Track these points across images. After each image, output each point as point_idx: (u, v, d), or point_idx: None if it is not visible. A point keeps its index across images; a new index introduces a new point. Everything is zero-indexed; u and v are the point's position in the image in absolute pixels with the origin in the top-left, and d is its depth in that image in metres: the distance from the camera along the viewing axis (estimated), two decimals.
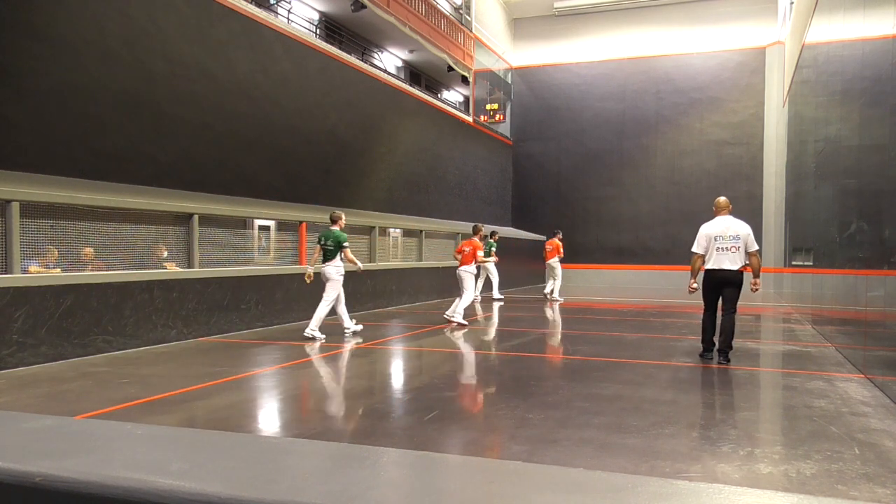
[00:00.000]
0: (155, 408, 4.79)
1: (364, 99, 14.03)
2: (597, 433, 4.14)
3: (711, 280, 6.69)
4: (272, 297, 9.49)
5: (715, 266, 6.60)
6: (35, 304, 6.22)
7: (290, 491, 0.70)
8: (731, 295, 6.64)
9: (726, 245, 6.55)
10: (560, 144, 22.78)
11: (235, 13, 10.24)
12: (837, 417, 4.55)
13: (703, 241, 6.67)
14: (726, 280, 6.59)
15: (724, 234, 6.58)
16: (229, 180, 10.12)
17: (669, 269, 21.28)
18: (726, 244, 6.56)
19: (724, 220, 6.70)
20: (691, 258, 6.80)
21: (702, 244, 6.69)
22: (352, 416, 4.85)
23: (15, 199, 6.19)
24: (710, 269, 6.65)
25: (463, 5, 20.53)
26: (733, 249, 6.54)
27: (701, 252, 6.70)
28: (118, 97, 8.28)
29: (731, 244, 6.54)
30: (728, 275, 6.56)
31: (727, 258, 6.55)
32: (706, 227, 6.72)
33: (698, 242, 6.73)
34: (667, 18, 21.72)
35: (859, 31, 7.10)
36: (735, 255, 6.54)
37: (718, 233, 6.61)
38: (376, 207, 14.34)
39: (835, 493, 3.14)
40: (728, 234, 6.57)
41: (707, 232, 6.67)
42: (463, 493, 0.72)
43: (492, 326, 10.60)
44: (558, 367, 6.97)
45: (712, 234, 6.63)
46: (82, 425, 0.97)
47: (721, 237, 6.58)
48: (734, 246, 6.54)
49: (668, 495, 0.68)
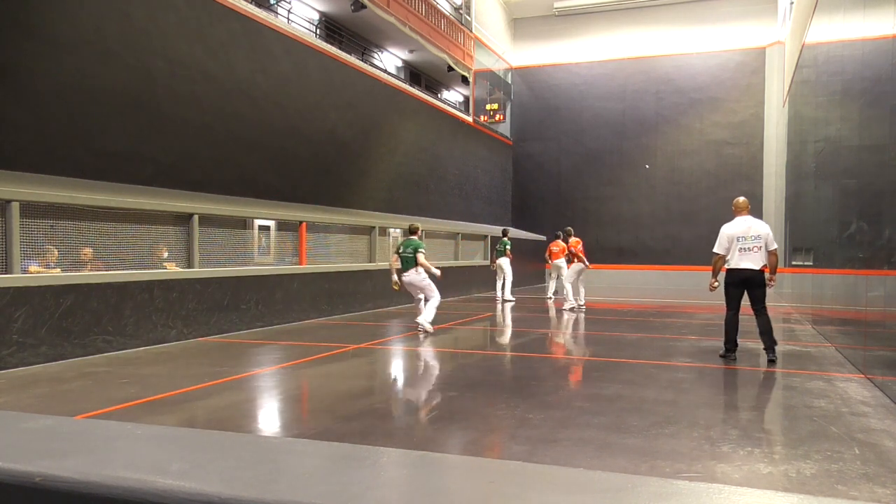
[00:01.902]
0: (155, 408, 4.79)
1: (364, 99, 14.03)
2: (597, 433, 4.14)
3: (734, 279, 6.71)
4: (272, 297, 9.49)
5: (737, 266, 6.64)
6: (35, 304, 6.22)
7: (290, 491, 0.70)
8: (759, 294, 6.69)
9: (748, 245, 6.60)
10: (560, 144, 22.77)
11: (235, 13, 10.24)
12: (837, 417, 4.55)
13: (725, 241, 6.70)
14: (749, 280, 6.63)
15: (746, 235, 6.62)
16: (229, 180, 10.11)
17: (669, 269, 21.28)
18: (748, 244, 6.60)
19: (745, 220, 6.74)
20: (712, 258, 6.83)
21: (723, 244, 6.72)
22: (352, 416, 4.85)
23: (15, 199, 6.19)
24: (733, 269, 6.69)
25: (463, 5, 20.52)
26: (755, 249, 6.59)
27: (722, 252, 6.73)
28: (118, 97, 8.28)
29: (753, 244, 6.59)
30: (750, 274, 6.61)
31: (749, 258, 6.59)
32: (728, 228, 6.74)
33: (720, 243, 6.75)
34: (667, 18, 21.72)
35: (859, 31, 7.09)
36: (757, 254, 6.59)
37: (741, 233, 6.64)
38: (376, 207, 14.34)
39: (835, 493, 3.13)
40: (750, 234, 6.61)
41: (729, 232, 6.70)
42: (463, 493, 0.72)
43: (492, 326, 10.60)
44: (558, 367, 6.97)
45: (735, 235, 6.66)
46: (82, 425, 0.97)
47: (743, 237, 6.62)
48: (756, 246, 6.59)
49: (668, 495, 0.68)
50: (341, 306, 11.15)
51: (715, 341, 8.43)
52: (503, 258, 14.63)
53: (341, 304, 11.16)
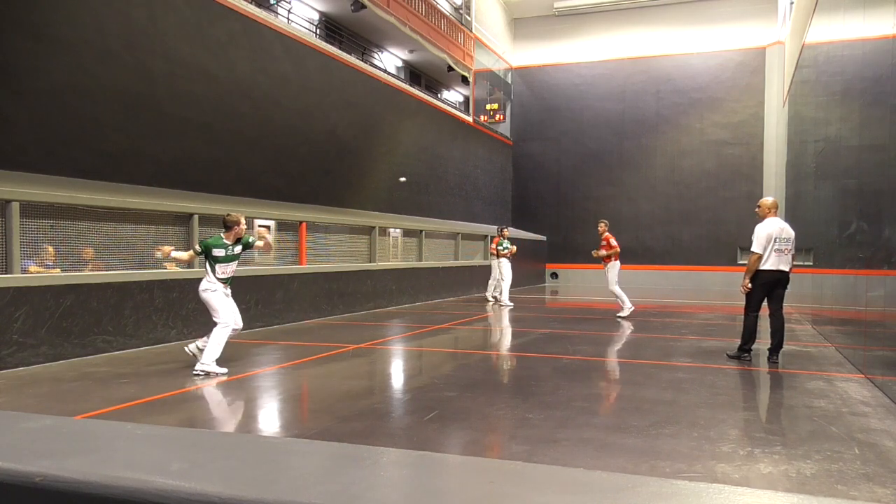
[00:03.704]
0: (155, 408, 4.79)
1: (364, 99, 14.02)
2: (597, 433, 4.14)
3: (767, 280, 6.62)
4: (272, 297, 9.48)
5: (772, 267, 6.55)
6: (35, 304, 6.22)
7: (290, 491, 0.70)
8: (781, 294, 6.69)
9: (782, 247, 6.54)
10: (560, 144, 22.77)
11: (235, 13, 10.24)
12: (837, 417, 4.55)
13: (765, 241, 6.56)
14: (780, 281, 6.62)
15: (781, 236, 6.56)
16: (229, 180, 10.11)
17: (669, 269, 21.28)
18: (782, 246, 6.54)
19: (776, 221, 6.68)
20: (749, 258, 6.65)
21: (763, 244, 6.56)
22: (352, 416, 4.85)
23: (15, 199, 6.19)
24: (767, 270, 6.57)
25: (463, 5, 20.52)
26: (787, 251, 6.56)
27: (762, 252, 6.58)
28: (118, 97, 8.28)
29: (786, 245, 6.55)
30: (782, 275, 6.59)
31: (784, 259, 6.56)
32: (766, 228, 6.60)
33: (759, 243, 6.58)
34: (667, 18, 21.72)
35: (859, 31, 7.09)
36: (788, 256, 6.57)
37: (777, 234, 6.57)
38: (376, 207, 14.33)
39: (835, 493, 3.13)
40: (783, 235, 6.56)
41: (769, 232, 6.57)
42: (463, 493, 0.72)
43: (492, 326, 10.60)
44: (558, 367, 6.97)
45: (773, 236, 6.56)
46: (82, 425, 0.97)
47: (779, 239, 6.55)
48: (787, 248, 6.55)
49: (668, 495, 0.68)
50: (341, 306, 11.15)
51: (715, 341, 8.43)
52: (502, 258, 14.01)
53: (341, 304, 11.16)
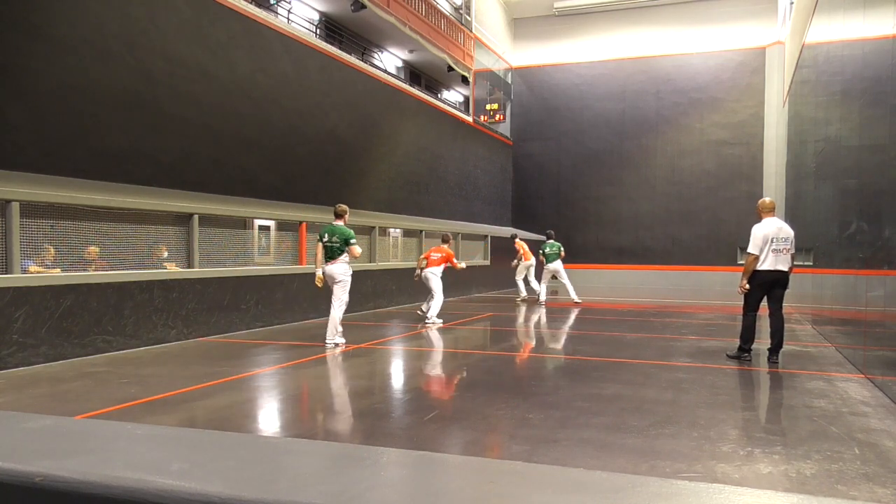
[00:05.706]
0: (155, 408, 4.79)
1: (364, 99, 14.02)
2: (597, 433, 4.14)
3: (764, 280, 6.65)
4: (272, 297, 9.49)
5: (770, 267, 6.59)
6: (35, 304, 6.22)
7: (290, 491, 0.70)
8: (780, 294, 6.70)
9: (780, 247, 6.56)
10: (560, 144, 22.77)
11: (235, 13, 10.24)
12: (837, 417, 4.55)
13: (761, 242, 6.60)
14: (778, 281, 6.63)
15: (778, 236, 6.58)
16: (229, 180, 10.11)
17: (669, 269, 21.28)
18: (780, 246, 6.57)
19: (774, 221, 6.70)
20: (746, 258, 6.70)
21: (759, 245, 6.61)
22: (352, 416, 4.85)
23: (15, 199, 6.19)
24: (764, 270, 6.62)
25: (463, 5, 20.52)
26: (785, 251, 6.57)
27: (758, 253, 6.63)
28: (118, 97, 8.28)
29: (783, 245, 6.57)
30: (780, 275, 6.61)
31: (781, 259, 6.58)
32: (763, 229, 6.63)
33: (755, 244, 6.63)
34: (667, 18, 21.72)
35: (859, 31, 7.09)
36: (786, 256, 6.58)
37: (774, 234, 6.60)
38: (376, 207, 14.33)
39: (835, 493, 3.13)
40: (781, 235, 6.58)
41: (765, 233, 6.61)
42: (463, 493, 0.72)
43: (492, 326, 10.60)
44: (558, 367, 6.97)
45: (770, 236, 6.59)
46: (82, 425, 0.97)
47: (776, 238, 6.58)
48: (785, 248, 6.57)
49: (668, 495, 0.68)
50: None
51: (715, 341, 8.43)
52: (557, 260, 13.91)
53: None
